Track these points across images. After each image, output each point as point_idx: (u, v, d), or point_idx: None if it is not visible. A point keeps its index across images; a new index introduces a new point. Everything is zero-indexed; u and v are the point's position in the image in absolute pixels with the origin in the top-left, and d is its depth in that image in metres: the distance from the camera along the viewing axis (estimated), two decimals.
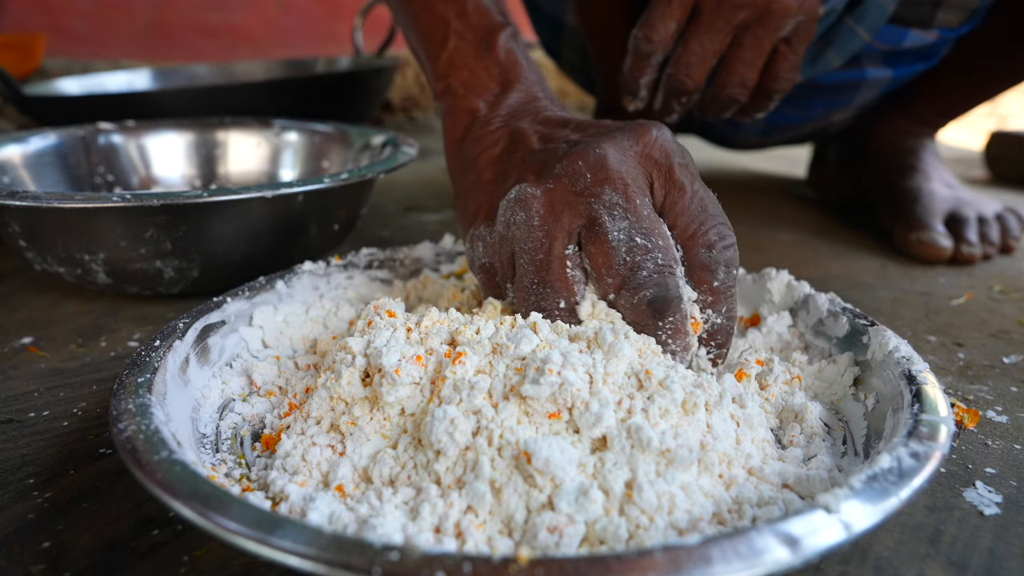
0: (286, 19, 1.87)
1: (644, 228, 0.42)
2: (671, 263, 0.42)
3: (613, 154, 0.44)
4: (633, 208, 0.43)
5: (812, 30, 0.63)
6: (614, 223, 0.42)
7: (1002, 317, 0.66)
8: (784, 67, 0.64)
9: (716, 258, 0.43)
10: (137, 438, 0.33)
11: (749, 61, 0.63)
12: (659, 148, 0.45)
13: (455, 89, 0.53)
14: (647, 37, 0.64)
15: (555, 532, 0.31)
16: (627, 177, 0.43)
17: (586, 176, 0.43)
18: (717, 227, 0.44)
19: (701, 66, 0.63)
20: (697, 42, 0.62)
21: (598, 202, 0.43)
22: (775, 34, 0.62)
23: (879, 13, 0.73)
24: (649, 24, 0.63)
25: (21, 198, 0.56)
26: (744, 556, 0.26)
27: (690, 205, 0.44)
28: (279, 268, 0.58)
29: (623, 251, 0.42)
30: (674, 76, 0.64)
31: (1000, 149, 1.29)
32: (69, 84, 1.26)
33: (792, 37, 0.63)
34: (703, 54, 0.63)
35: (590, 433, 0.35)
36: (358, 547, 0.26)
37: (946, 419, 0.36)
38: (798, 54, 0.64)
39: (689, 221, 0.44)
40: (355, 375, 0.40)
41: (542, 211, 0.44)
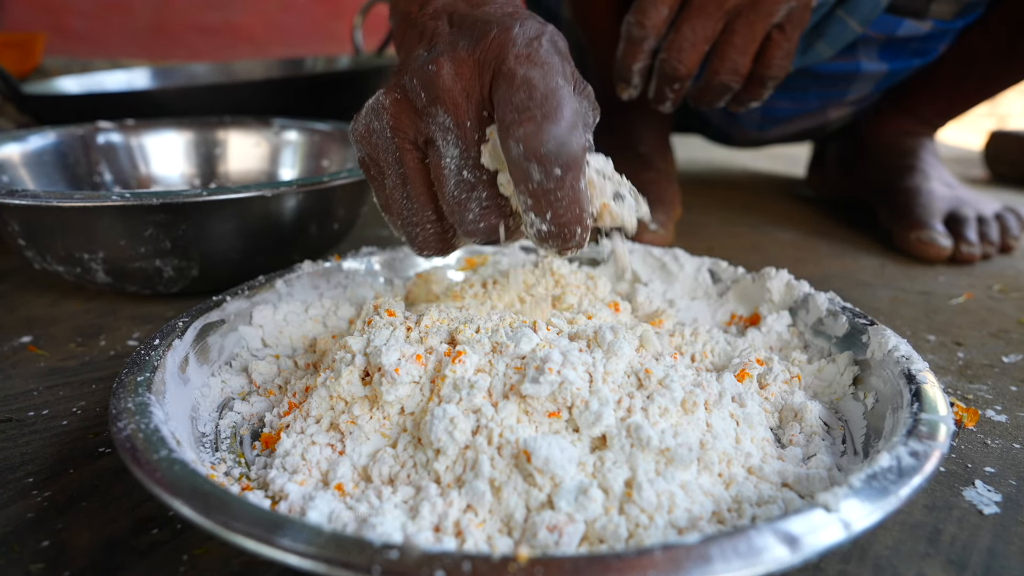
0: (286, 18, 1.87)
1: (472, 158, 0.40)
2: (495, 198, 0.40)
3: (447, 69, 0.40)
4: (463, 133, 0.40)
5: (805, 17, 0.63)
6: (446, 149, 0.41)
7: (1001, 316, 0.66)
8: (777, 54, 0.65)
9: (528, 152, 0.36)
10: (136, 437, 0.33)
11: (741, 47, 0.63)
12: (493, 49, 0.40)
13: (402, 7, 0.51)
14: (639, 22, 0.64)
15: (555, 531, 0.31)
16: (458, 96, 0.40)
17: (421, 95, 0.41)
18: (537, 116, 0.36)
19: (693, 51, 0.63)
20: (689, 27, 0.62)
21: (433, 123, 0.41)
22: (767, 20, 0.62)
23: (872, 6, 0.73)
24: (641, 10, 0.63)
25: (20, 197, 0.56)
26: (744, 555, 0.26)
27: (513, 94, 0.37)
28: (278, 267, 0.58)
29: (452, 184, 0.40)
30: (666, 62, 0.65)
31: (999, 148, 1.29)
32: (68, 83, 1.26)
33: (785, 24, 0.63)
34: (695, 39, 0.63)
35: (590, 432, 0.35)
36: (358, 546, 0.26)
37: (945, 418, 0.36)
38: (791, 41, 0.64)
39: (506, 111, 0.37)
40: (355, 374, 0.40)
41: (391, 123, 0.42)
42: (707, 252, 0.75)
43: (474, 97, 0.40)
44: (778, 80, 0.67)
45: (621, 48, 0.67)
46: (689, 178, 1.22)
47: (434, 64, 0.40)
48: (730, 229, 0.93)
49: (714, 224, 0.95)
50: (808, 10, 0.63)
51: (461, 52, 0.40)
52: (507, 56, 0.39)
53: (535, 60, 0.39)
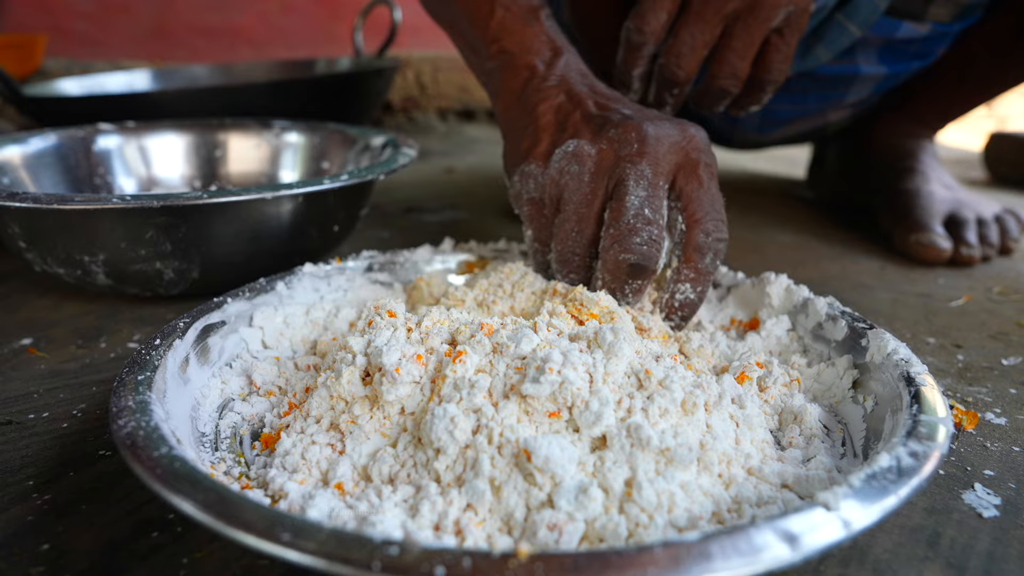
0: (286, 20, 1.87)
1: (655, 205, 0.50)
2: (661, 241, 0.50)
3: (658, 134, 0.51)
4: (654, 185, 0.50)
5: (804, 21, 0.64)
6: (636, 190, 0.50)
7: (1001, 319, 0.66)
8: (776, 58, 0.65)
9: (709, 244, 0.51)
10: (137, 434, 0.33)
11: (740, 52, 0.63)
12: (693, 144, 0.52)
13: (510, 49, 0.59)
14: (638, 28, 0.64)
15: (555, 530, 0.31)
16: (661, 160, 0.51)
17: (633, 145, 0.51)
18: (717, 221, 0.51)
19: (692, 56, 0.64)
20: (687, 32, 0.63)
21: (633, 169, 0.50)
22: (766, 24, 0.62)
23: (870, 10, 0.73)
24: (640, 15, 0.64)
25: (21, 199, 0.56)
26: (744, 553, 0.26)
27: (703, 197, 0.51)
28: (279, 270, 0.58)
29: (631, 214, 0.49)
30: (665, 67, 0.65)
31: (999, 150, 1.29)
32: (69, 85, 1.26)
33: (784, 28, 0.63)
34: (694, 44, 0.63)
35: (590, 432, 0.35)
36: (358, 542, 0.26)
37: (945, 420, 0.36)
38: (790, 45, 0.65)
39: (697, 208, 0.51)
40: (355, 374, 0.40)
41: (593, 169, 0.51)
42: None
43: (667, 167, 0.51)
44: (777, 84, 0.67)
45: (621, 54, 0.67)
46: None
47: (652, 127, 0.51)
48: (730, 231, 0.93)
49: None
50: (807, 14, 0.63)
51: (670, 131, 0.52)
52: (700, 162, 0.52)
53: (713, 172, 0.53)
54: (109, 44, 1.71)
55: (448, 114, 2.00)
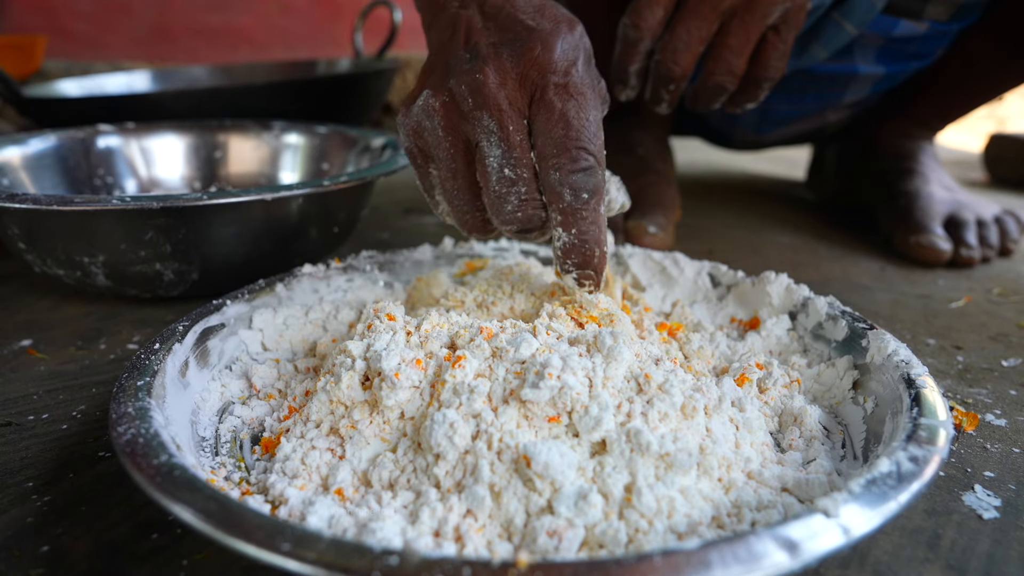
0: (286, 21, 1.87)
1: (514, 158, 0.45)
2: (535, 194, 0.46)
3: (493, 78, 0.45)
4: (506, 136, 0.45)
5: (801, 18, 0.64)
6: (490, 149, 0.45)
7: (1001, 320, 0.66)
8: (772, 55, 0.65)
9: (562, 180, 0.44)
10: (136, 442, 0.33)
11: (736, 48, 0.63)
12: (538, 66, 0.45)
13: None
14: (634, 24, 0.64)
15: (554, 536, 0.31)
16: (503, 103, 0.45)
17: (468, 100, 0.46)
18: (572, 150, 0.44)
19: (687, 53, 0.64)
20: (683, 29, 0.63)
21: (479, 126, 0.46)
22: (762, 21, 0.62)
23: (867, 9, 0.73)
24: (636, 11, 0.64)
25: (21, 201, 0.56)
26: (743, 561, 0.26)
27: (552, 127, 0.45)
28: (278, 271, 0.58)
29: (494, 180, 0.45)
30: (661, 63, 0.65)
31: (999, 151, 1.29)
32: (69, 86, 1.26)
33: (780, 25, 0.63)
34: (689, 41, 0.63)
35: (589, 437, 0.35)
36: (357, 551, 0.26)
37: (945, 423, 0.36)
38: (787, 42, 0.65)
39: (545, 143, 0.45)
40: (355, 379, 0.40)
41: (443, 124, 0.47)
42: (706, 255, 0.75)
43: (516, 105, 0.46)
44: (773, 81, 0.67)
45: (617, 50, 0.67)
46: (688, 181, 1.22)
47: (480, 73, 0.45)
48: (729, 232, 0.94)
49: (713, 227, 0.95)
50: (803, 11, 0.63)
51: (505, 63, 0.46)
52: (548, 84, 0.45)
53: (571, 91, 0.45)
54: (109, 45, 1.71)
55: None
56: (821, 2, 0.72)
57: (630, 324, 0.48)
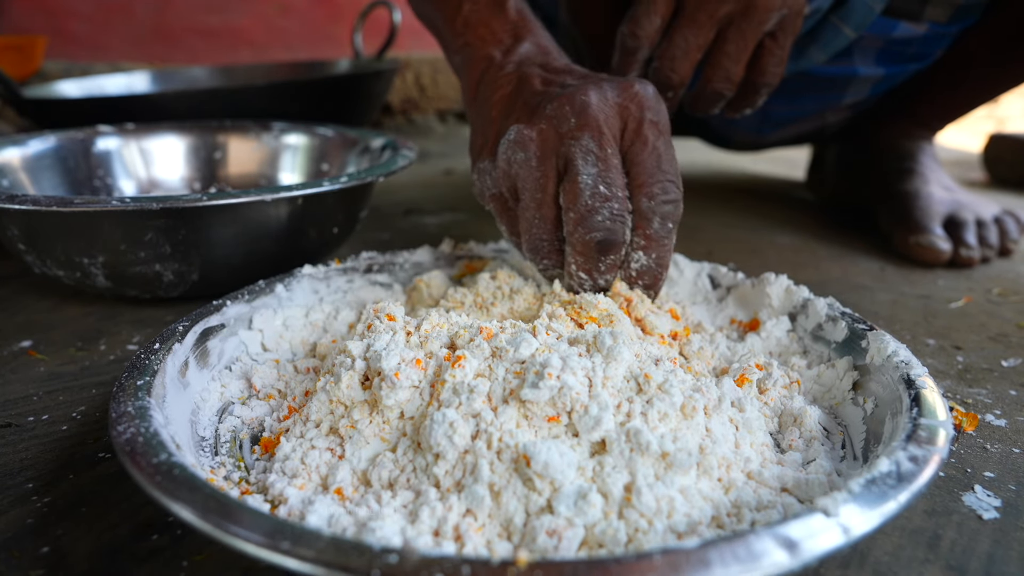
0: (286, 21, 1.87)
1: (609, 178, 0.48)
2: (624, 213, 0.48)
3: (595, 101, 0.49)
4: (604, 157, 0.48)
5: (798, 24, 0.64)
6: (586, 167, 0.48)
7: (1001, 320, 0.66)
8: (770, 61, 0.65)
9: (654, 208, 0.48)
10: (136, 441, 0.33)
11: (733, 55, 0.64)
12: (636, 101, 0.50)
13: (472, 43, 0.59)
14: (632, 33, 0.65)
15: (554, 535, 0.31)
16: (603, 126, 0.48)
17: (570, 120, 0.49)
18: (664, 183, 0.49)
19: (685, 60, 0.64)
20: (681, 37, 0.63)
21: (576, 146, 0.48)
22: (759, 28, 0.62)
23: (865, 12, 0.74)
24: (634, 20, 0.64)
25: (20, 202, 0.56)
26: (743, 559, 0.26)
27: (647, 158, 0.49)
28: (278, 272, 0.58)
29: (587, 194, 0.47)
30: (659, 71, 0.65)
31: (998, 151, 1.29)
32: (68, 87, 1.26)
33: (777, 32, 0.64)
34: (687, 48, 0.63)
35: (589, 436, 0.35)
36: (357, 550, 0.26)
37: (944, 423, 0.36)
38: (784, 48, 0.65)
39: (640, 172, 0.49)
40: (354, 378, 0.40)
41: (537, 152, 0.49)
42: (706, 255, 0.75)
43: (614, 133, 0.49)
44: (771, 87, 0.67)
45: (616, 58, 0.68)
46: (688, 181, 1.21)
47: (584, 95, 0.49)
48: (729, 232, 0.94)
49: (713, 227, 0.95)
50: (800, 17, 0.63)
51: (608, 92, 0.50)
52: (644, 119, 0.49)
53: (661, 129, 0.50)
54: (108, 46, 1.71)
55: (447, 116, 2.00)
56: (819, 6, 0.72)
57: (630, 325, 0.48)
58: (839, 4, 0.74)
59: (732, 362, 0.48)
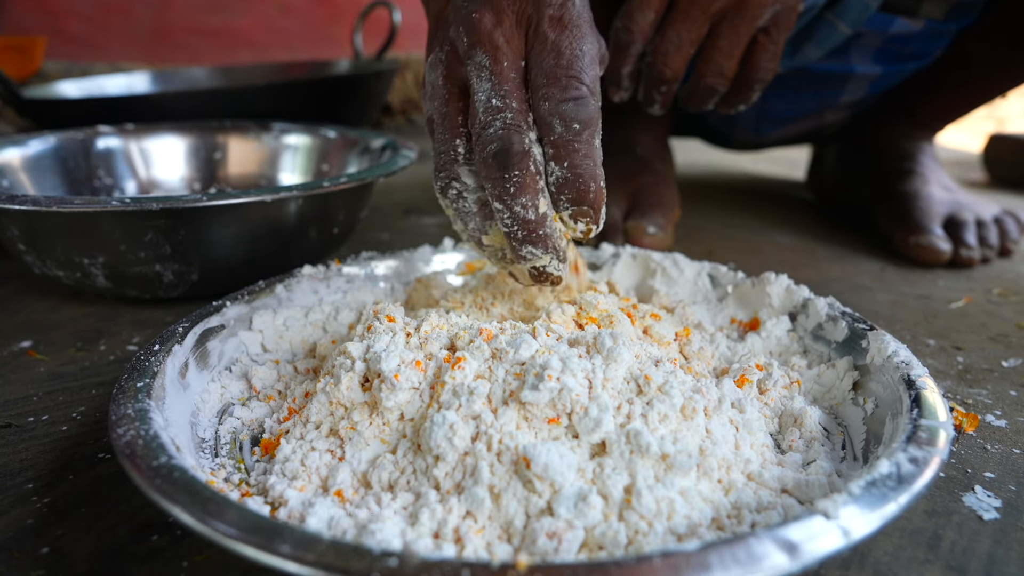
0: (286, 22, 1.87)
1: (503, 90, 0.44)
2: (520, 122, 0.43)
3: (488, 17, 0.45)
4: (498, 70, 0.44)
5: (791, 20, 0.64)
6: (480, 84, 0.44)
7: (1001, 320, 0.66)
8: (763, 57, 0.65)
9: (552, 109, 0.43)
10: (136, 443, 0.33)
11: (726, 50, 0.64)
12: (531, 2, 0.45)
13: None
14: (626, 27, 0.65)
15: (554, 538, 0.31)
16: (498, 39, 0.44)
17: (464, 40, 0.45)
18: (563, 79, 0.43)
19: (678, 55, 0.64)
20: (674, 31, 0.63)
21: (471, 64, 0.45)
22: (752, 23, 0.62)
23: (861, 9, 0.74)
24: (628, 15, 0.64)
25: (20, 202, 0.56)
26: (743, 562, 0.26)
27: (544, 59, 0.44)
28: (278, 272, 0.58)
29: (481, 111, 0.44)
30: (653, 66, 0.65)
31: (998, 152, 1.29)
32: (68, 87, 1.26)
33: (771, 27, 0.64)
34: (680, 43, 0.63)
35: (589, 438, 0.35)
36: (356, 553, 0.26)
37: (945, 424, 0.36)
38: (777, 44, 0.65)
39: (538, 73, 0.44)
40: (354, 380, 0.40)
41: (444, 73, 0.47)
42: (706, 255, 0.75)
43: (512, 43, 0.45)
44: (764, 83, 0.67)
45: (610, 53, 0.68)
46: (688, 181, 1.22)
47: (477, 12, 0.45)
48: (729, 232, 0.94)
49: (713, 227, 0.95)
50: (794, 13, 0.64)
51: (503, 2, 0.45)
52: (543, 16, 0.44)
53: (565, 23, 0.45)
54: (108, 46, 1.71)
55: None
56: (814, 2, 0.72)
57: (630, 326, 0.48)
58: (835, 0, 0.74)
59: (732, 362, 0.48)
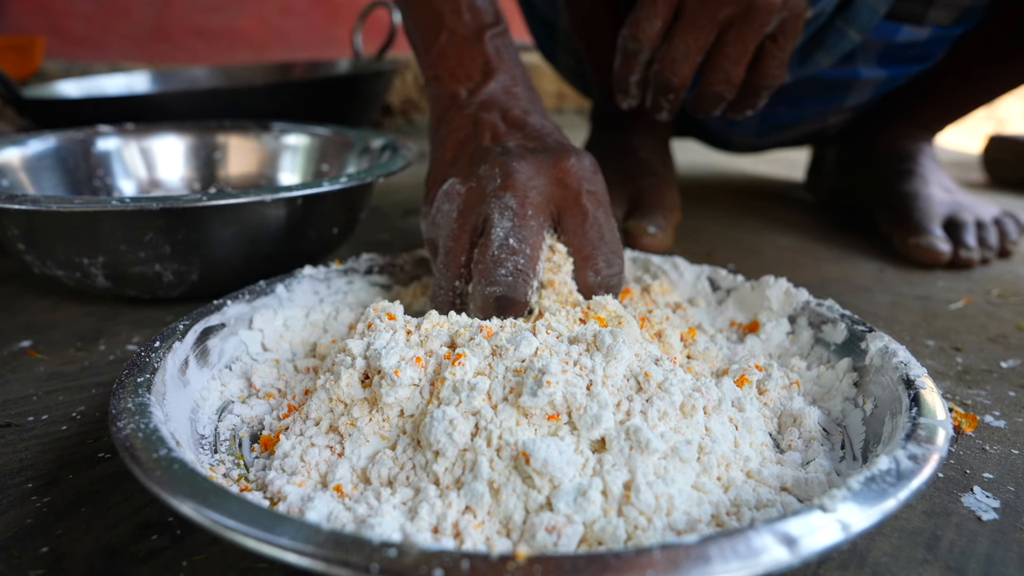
0: (285, 22, 1.87)
1: (522, 235, 0.47)
2: (530, 272, 0.47)
3: (526, 169, 0.49)
4: (522, 215, 0.47)
5: (799, 27, 0.64)
6: (500, 222, 0.47)
7: (1000, 321, 0.66)
8: (771, 64, 0.65)
9: (600, 283, 0.49)
10: (136, 436, 0.33)
11: (734, 57, 0.64)
12: (572, 175, 0.49)
13: (442, 76, 0.58)
14: (633, 36, 0.65)
15: (553, 532, 0.31)
16: (529, 191, 0.48)
17: (496, 180, 0.49)
18: (607, 254, 0.49)
19: (686, 63, 0.64)
20: (681, 39, 0.63)
21: (496, 203, 0.48)
22: (759, 31, 0.62)
23: (870, 15, 0.74)
24: (635, 23, 0.64)
25: (20, 202, 0.56)
26: (742, 555, 0.26)
27: (588, 229, 0.49)
28: (278, 272, 0.58)
29: (495, 246, 0.46)
30: (660, 73, 0.65)
31: (998, 153, 1.29)
32: (68, 87, 1.26)
33: (778, 34, 0.64)
34: (687, 51, 0.63)
35: (589, 434, 0.35)
36: (356, 544, 0.26)
37: (944, 422, 0.36)
38: (785, 51, 0.65)
39: (583, 243, 0.49)
40: (354, 376, 0.40)
41: (461, 207, 0.49)
42: (706, 257, 0.75)
43: (541, 201, 0.49)
44: (772, 89, 0.67)
45: (617, 61, 0.68)
46: (688, 183, 1.22)
47: (516, 163, 0.49)
48: (729, 233, 0.94)
49: (713, 228, 0.96)
50: (801, 20, 0.64)
51: (543, 162, 0.49)
52: (582, 191, 0.49)
53: (600, 200, 0.50)
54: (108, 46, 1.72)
55: None
56: (822, 9, 0.72)
57: (637, 328, 0.47)
58: (843, 7, 0.74)
59: (732, 363, 0.48)
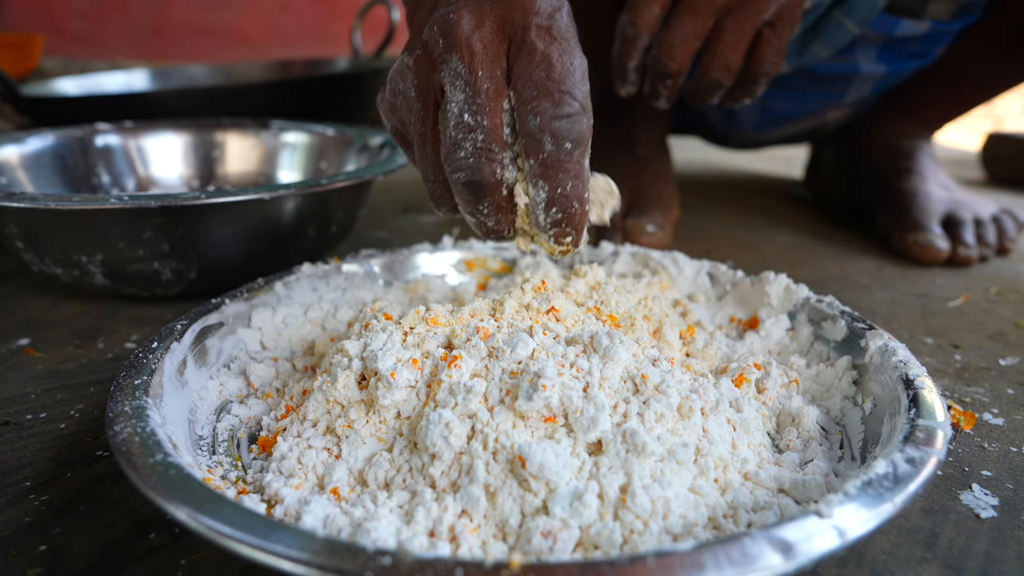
0: (284, 19, 1.87)
1: (477, 104, 0.40)
2: (492, 144, 0.40)
3: (467, 20, 0.41)
4: (473, 80, 0.41)
5: (797, 15, 0.64)
6: (453, 94, 0.41)
7: (998, 319, 0.66)
8: (768, 51, 0.65)
9: (542, 126, 0.39)
10: (133, 441, 0.33)
11: (731, 44, 0.64)
12: (520, 8, 0.42)
13: None
14: (632, 22, 0.65)
15: (549, 537, 0.31)
16: (475, 45, 0.41)
17: (439, 42, 0.42)
18: (553, 93, 0.40)
19: (683, 49, 0.64)
20: (679, 25, 0.63)
21: (446, 70, 0.42)
22: (757, 17, 0.62)
23: (869, 7, 0.74)
24: (634, 9, 0.64)
25: (19, 199, 0.56)
26: (737, 562, 0.26)
27: (533, 70, 0.40)
28: (277, 270, 0.58)
29: (451, 125, 0.41)
30: (658, 59, 0.65)
31: (996, 150, 1.29)
32: (67, 84, 1.26)
33: (776, 21, 0.64)
34: (685, 37, 0.63)
35: (585, 437, 0.35)
36: (351, 552, 0.26)
37: (942, 424, 0.36)
38: (783, 38, 0.65)
39: (525, 86, 0.40)
40: (351, 378, 0.40)
41: (415, 81, 0.44)
42: (704, 254, 0.75)
43: (491, 51, 0.41)
44: (770, 77, 0.67)
45: (616, 47, 0.68)
46: (687, 180, 1.22)
47: (455, 14, 0.41)
48: (728, 231, 0.94)
49: (712, 226, 0.95)
50: (799, 8, 0.64)
51: (484, 6, 0.42)
52: (530, 25, 0.41)
53: (555, 35, 0.41)
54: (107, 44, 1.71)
55: None
56: (821, 0, 0.72)
57: (646, 332, 0.47)
58: None
59: (731, 361, 0.48)
